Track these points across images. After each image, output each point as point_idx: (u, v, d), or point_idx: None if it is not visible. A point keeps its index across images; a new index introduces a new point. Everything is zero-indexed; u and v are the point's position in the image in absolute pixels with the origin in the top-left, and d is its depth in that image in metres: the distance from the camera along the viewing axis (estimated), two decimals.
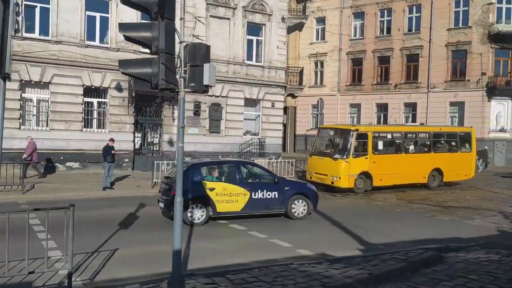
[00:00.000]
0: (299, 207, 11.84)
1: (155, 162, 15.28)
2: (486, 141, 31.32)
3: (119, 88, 18.44)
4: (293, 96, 24.73)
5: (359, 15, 36.54)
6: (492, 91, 31.14)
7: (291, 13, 22.85)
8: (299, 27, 24.53)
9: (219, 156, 19.52)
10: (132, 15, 16.79)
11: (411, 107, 34.60)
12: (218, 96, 20.74)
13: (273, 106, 21.74)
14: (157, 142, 19.94)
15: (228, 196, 10.94)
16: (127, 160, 18.20)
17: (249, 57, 21.36)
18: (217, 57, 20.80)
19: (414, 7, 34.16)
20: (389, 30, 35.34)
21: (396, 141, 18.74)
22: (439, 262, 7.23)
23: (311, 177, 17.85)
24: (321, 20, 38.26)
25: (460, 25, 32.41)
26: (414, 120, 34.30)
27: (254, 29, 21.42)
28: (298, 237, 9.98)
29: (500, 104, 31.66)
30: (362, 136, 17.19)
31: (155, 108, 19.65)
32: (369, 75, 36.05)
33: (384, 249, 8.43)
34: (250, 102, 21.15)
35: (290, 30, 24.20)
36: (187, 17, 19.76)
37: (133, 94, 18.34)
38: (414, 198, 16.35)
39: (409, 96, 34.38)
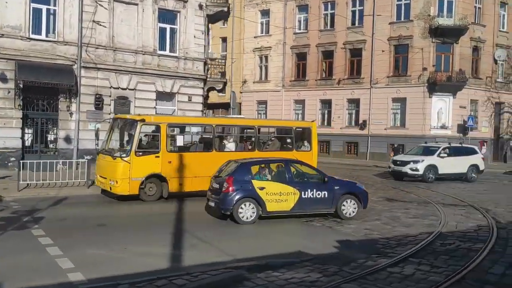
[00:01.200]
0: (349, 207, 11.46)
1: (21, 161, 13.43)
2: (427, 138, 30.51)
3: (3, 79, 16.49)
4: (219, 91, 23.19)
5: (303, 8, 35.33)
6: (433, 87, 30.36)
7: (212, 1, 21.24)
8: (222, 16, 22.95)
9: None
10: None
11: (355, 103, 33.59)
12: (125, 89, 19.00)
13: (190, 100, 20.14)
14: (52, 139, 18.05)
15: (278, 196, 10.73)
16: (13, 159, 16.30)
17: (162, 47, 19.69)
18: (124, 46, 19.05)
19: (357, 0, 33.12)
20: (333, 24, 34.22)
21: (205, 136, 15.12)
22: (236, 285, 5.83)
23: (96, 182, 14.32)
24: (265, 13, 36.93)
25: (402, 19, 31.52)
26: (357, 118, 33.39)
27: (167, 16, 19.75)
28: None
29: (442, 100, 30.91)
30: (151, 129, 13.65)
31: (49, 101, 17.73)
32: (313, 70, 34.89)
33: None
34: (165, 96, 19.52)
35: (213, 19, 22.61)
36: (86, 1, 17.93)
37: (20, 85, 16.41)
38: None
39: (352, 92, 33.35)
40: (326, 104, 34.67)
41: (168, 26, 19.88)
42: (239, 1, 37.58)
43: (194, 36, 20.08)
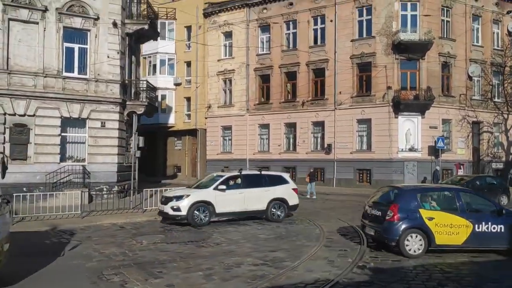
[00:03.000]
0: None
1: None
2: (395, 162, 28.16)
3: None
4: (146, 115, 21.35)
5: (266, 28, 33.76)
6: (399, 107, 28.12)
7: (131, 18, 19.66)
8: (149, 35, 21.34)
9: (24, 189, 15.91)
10: None
11: (320, 126, 31.43)
12: (22, 115, 17.25)
13: (104, 126, 18.31)
14: None
15: (449, 228, 9.72)
16: None
17: (70, 69, 18.03)
18: (22, 68, 17.40)
19: (319, 17, 31.46)
20: (295, 44, 32.50)
21: None
22: None
23: None
24: (228, 35, 35.47)
25: (364, 36, 29.63)
26: (323, 142, 31.19)
27: (75, 35, 18.16)
28: None
29: (409, 120, 28.58)
30: None
31: None
32: (277, 92, 33.01)
33: None
34: (74, 122, 17.74)
35: (139, 38, 21.00)
36: None
37: None
38: None
39: (316, 114, 31.27)
40: (291, 128, 32.59)
41: (76, 46, 18.26)
42: (202, 24, 36.28)
43: (108, 56, 18.37)
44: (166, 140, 39.09)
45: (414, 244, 9.55)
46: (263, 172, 16.50)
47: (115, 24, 18.60)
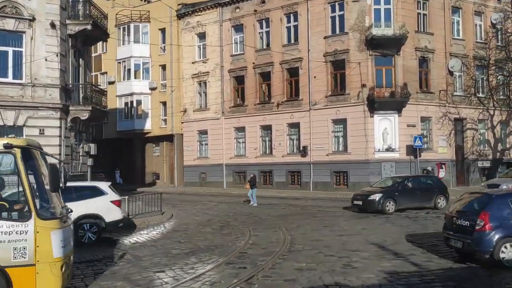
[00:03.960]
0: None
1: None
2: (372, 163, 26.81)
3: None
4: (92, 120, 20.31)
5: (239, 28, 32.64)
6: (374, 105, 26.79)
7: (75, 19, 18.62)
8: (96, 36, 20.29)
9: None
10: None
11: (296, 127, 30.15)
12: None
13: (43, 133, 17.26)
14: None
15: None
16: None
17: (3, 73, 17.01)
18: None
19: (291, 15, 30.27)
20: (269, 43, 31.31)
21: None
22: None
23: None
24: (202, 36, 34.40)
25: (337, 32, 28.37)
26: (299, 144, 29.91)
27: (9, 37, 17.13)
28: None
29: (386, 119, 27.23)
30: None
31: None
32: (252, 94, 31.82)
33: None
34: (9, 130, 16.68)
35: (84, 39, 19.95)
36: None
37: None
38: None
39: (292, 115, 30.03)
40: (267, 130, 31.36)
41: (10, 49, 17.22)
42: (176, 26, 35.27)
43: (46, 59, 17.32)
44: (144, 146, 38.06)
45: (511, 253, 8.67)
46: (70, 184, 10.55)
47: (53, 25, 17.56)
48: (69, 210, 7.03)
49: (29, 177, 6.28)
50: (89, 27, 18.60)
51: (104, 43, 37.99)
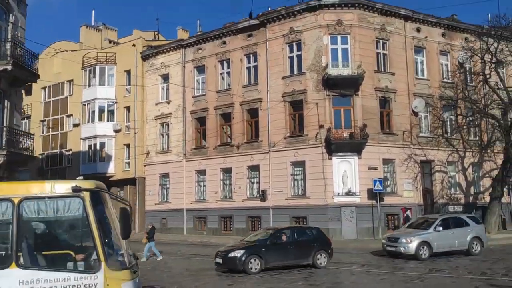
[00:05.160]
0: None
1: None
2: (331, 208, 25.29)
3: None
4: None
5: (201, 69, 32.06)
6: (332, 147, 25.58)
7: None
8: (25, 77, 19.48)
9: None
10: None
11: (256, 170, 28.85)
12: None
13: None
14: None
15: None
16: None
17: None
18: None
19: (251, 55, 29.68)
20: (229, 84, 30.60)
21: None
22: None
23: None
24: (166, 78, 33.83)
25: (295, 72, 27.63)
26: (259, 187, 28.53)
27: None
28: None
29: (345, 161, 25.94)
30: None
31: None
32: (213, 136, 30.78)
33: None
34: None
35: (17, 82, 19.13)
36: None
37: None
38: None
39: (251, 157, 28.81)
40: (228, 173, 30.04)
41: None
42: (141, 68, 34.81)
43: None
44: (109, 190, 36.61)
45: None
46: None
47: None
48: (137, 258, 6.55)
49: (98, 223, 5.85)
50: (9, 67, 17.75)
51: (71, 85, 37.72)
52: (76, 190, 5.83)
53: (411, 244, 16.64)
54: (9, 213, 5.83)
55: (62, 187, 5.95)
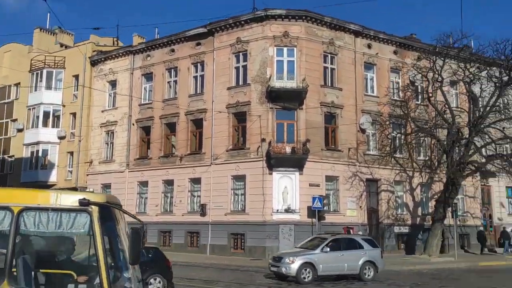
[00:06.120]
0: None
1: None
2: (269, 226, 24.27)
3: None
4: None
5: (149, 76, 31.04)
6: (273, 162, 24.68)
7: None
8: None
9: None
10: None
11: (198, 183, 27.73)
12: None
13: None
14: None
15: None
16: None
17: None
18: None
19: (199, 64, 28.82)
20: (176, 93, 29.60)
21: None
22: None
23: None
24: (113, 84, 32.65)
25: (241, 83, 26.82)
26: (200, 201, 27.38)
27: None
28: None
29: (287, 177, 25.06)
30: None
31: None
32: (157, 146, 29.64)
33: None
34: None
35: None
36: None
37: None
38: None
39: (194, 170, 27.70)
40: (170, 185, 28.84)
41: None
42: (89, 73, 33.57)
43: None
44: None
45: None
46: None
47: None
48: (147, 283, 5.93)
49: (106, 242, 5.12)
50: None
51: (18, 89, 36.24)
52: (84, 203, 5.04)
53: (293, 264, 15.32)
54: (7, 223, 5.08)
55: (68, 198, 5.15)
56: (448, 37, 25.85)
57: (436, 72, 24.97)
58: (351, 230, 25.44)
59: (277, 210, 24.52)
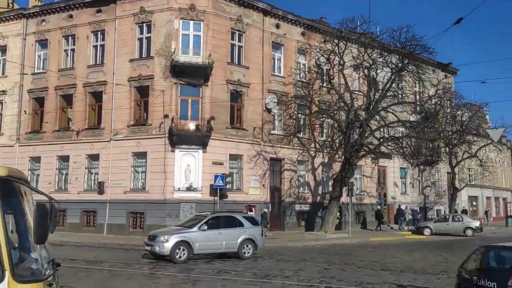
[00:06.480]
0: None
1: None
2: (169, 204, 23.63)
3: None
4: None
5: (44, 43, 28.49)
6: (176, 139, 23.95)
7: None
8: None
9: None
10: None
11: (96, 160, 26.18)
12: None
13: None
14: None
15: None
16: None
17: None
18: None
19: (99, 33, 26.95)
20: (74, 62, 27.47)
21: None
22: None
23: None
24: (3, 50, 29.49)
25: (144, 55, 25.53)
26: (97, 178, 25.90)
27: None
28: None
29: (190, 155, 24.52)
30: None
31: None
32: (51, 119, 27.42)
33: None
34: None
35: None
36: None
37: None
38: None
39: (91, 146, 26.08)
40: (65, 162, 26.94)
41: None
42: None
43: None
44: None
45: None
46: None
47: None
48: (58, 265, 5.38)
49: (7, 220, 4.42)
50: None
51: None
52: None
53: (167, 243, 14.78)
54: None
55: None
56: (351, 22, 26.62)
57: (338, 55, 25.65)
58: (253, 208, 25.75)
59: (179, 188, 23.98)
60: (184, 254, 14.80)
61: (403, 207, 33.92)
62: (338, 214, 28.86)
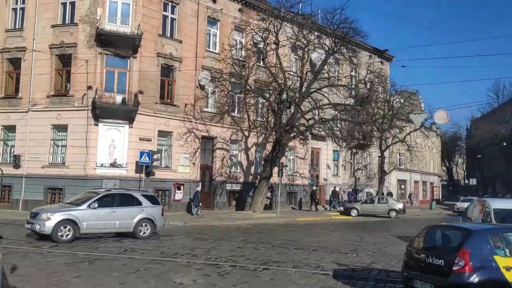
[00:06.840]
0: None
1: None
2: (91, 180, 22.46)
3: None
4: None
5: None
6: (101, 112, 22.71)
7: None
8: None
9: None
10: None
11: (12, 131, 24.41)
12: None
13: None
14: None
15: None
16: None
17: None
18: None
19: None
20: None
21: None
22: None
23: None
24: None
25: (67, 22, 23.86)
26: (13, 151, 24.15)
27: None
28: None
29: (115, 130, 23.40)
30: None
31: None
32: None
33: None
34: None
35: None
36: None
37: None
38: None
39: (8, 116, 24.27)
40: None
41: None
42: None
43: None
44: None
45: None
46: None
47: None
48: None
49: None
50: None
51: None
52: None
53: (49, 222, 13.51)
54: None
55: None
56: (287, 1, 26.26)
57: (273, 34, 25.28)
58: (181, 186, 25.21)
59: (102, 164, 22.88)
60: (69, 234, 13.59)
61: (337, 188, 34.66)
62: (269, 194, 28.96)
